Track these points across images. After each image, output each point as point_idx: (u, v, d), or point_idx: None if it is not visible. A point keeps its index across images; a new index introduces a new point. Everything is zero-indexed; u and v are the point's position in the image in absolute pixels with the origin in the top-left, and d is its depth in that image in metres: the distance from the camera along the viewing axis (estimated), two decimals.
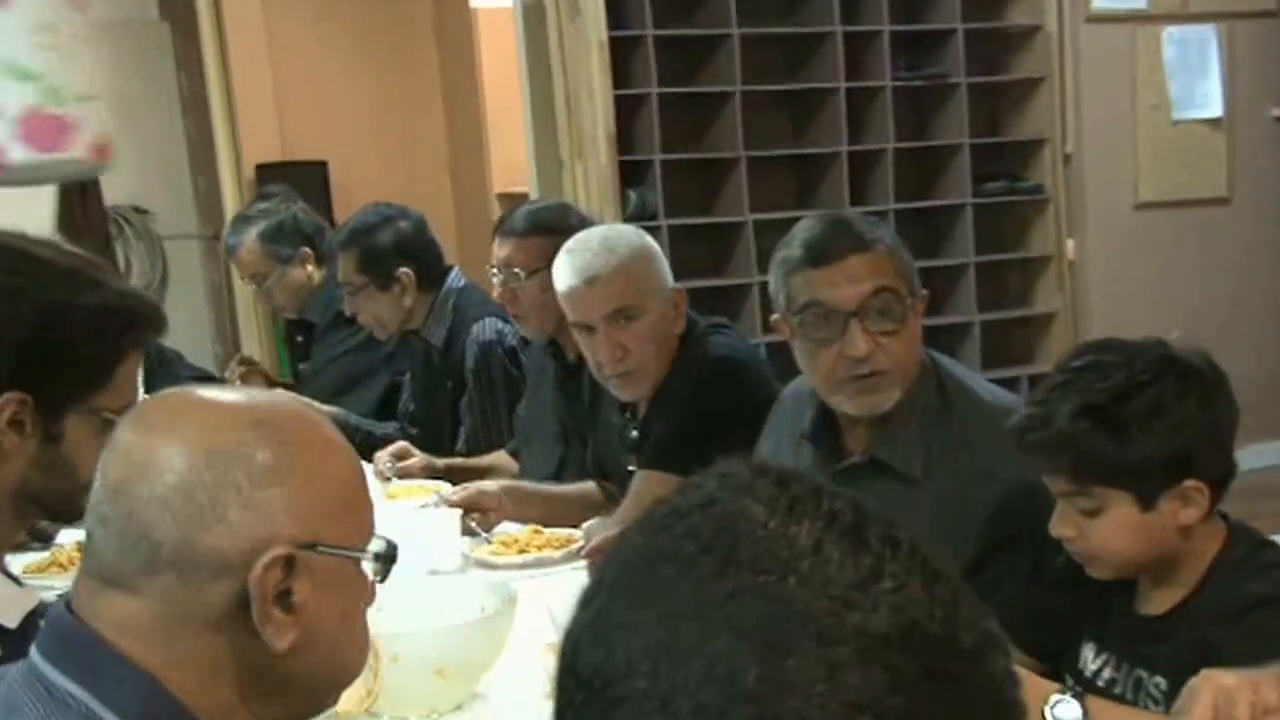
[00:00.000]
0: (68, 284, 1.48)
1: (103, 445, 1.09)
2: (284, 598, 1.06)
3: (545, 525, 2.66)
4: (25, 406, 1.46)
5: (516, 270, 2.92)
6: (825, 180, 5.66)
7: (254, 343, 5.87)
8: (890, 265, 2.00)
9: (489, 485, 2.77)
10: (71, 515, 1.49)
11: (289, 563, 1.05)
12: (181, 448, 1.05)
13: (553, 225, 2.91)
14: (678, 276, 4.88)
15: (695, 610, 0.66)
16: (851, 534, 0.68)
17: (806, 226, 2.04)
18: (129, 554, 1.05)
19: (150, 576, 1.05)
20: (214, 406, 1.09)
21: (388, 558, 1.11)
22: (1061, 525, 1.62)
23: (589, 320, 2.51)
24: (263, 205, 3.89)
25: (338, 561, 1.08)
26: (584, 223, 2.91)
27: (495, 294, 3.01)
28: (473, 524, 2.67)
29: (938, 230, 5.85)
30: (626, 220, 5.26)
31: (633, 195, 5.36)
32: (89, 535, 1.07)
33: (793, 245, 2.02)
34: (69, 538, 2.54)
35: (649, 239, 2.58)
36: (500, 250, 2.96)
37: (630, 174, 5.38)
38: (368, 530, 1.12)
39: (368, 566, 1.11)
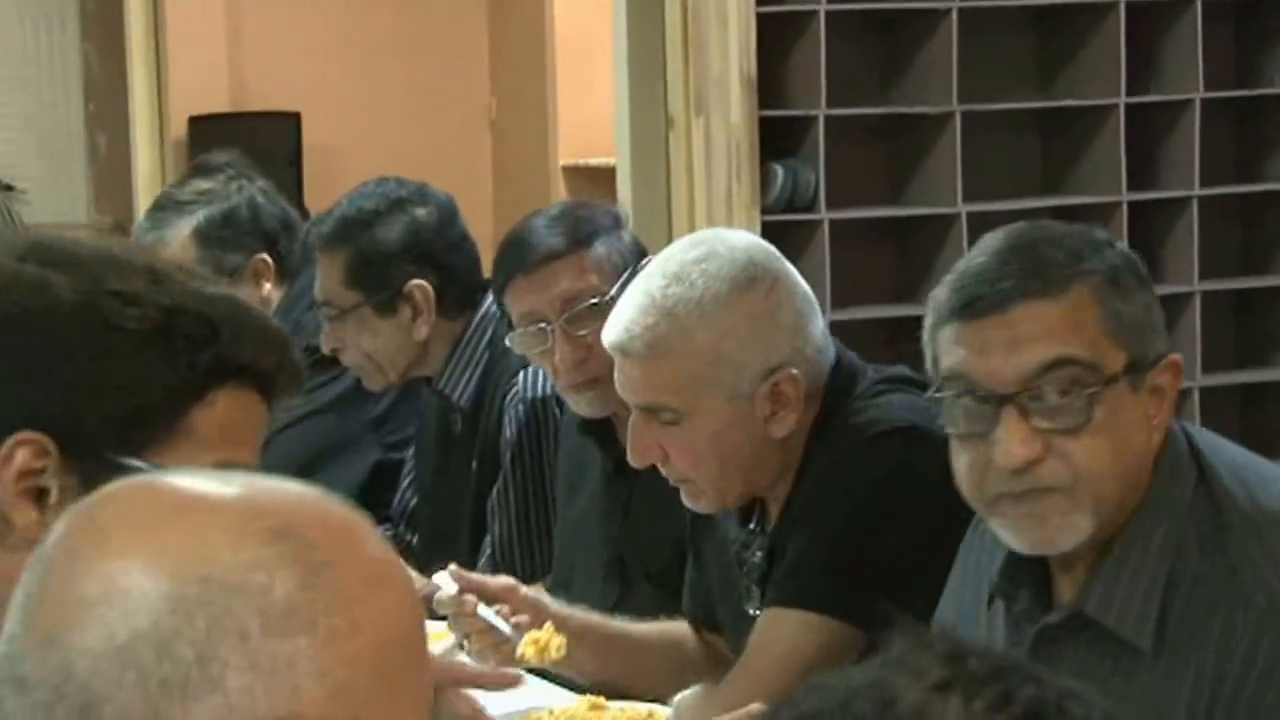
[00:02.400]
0: (119, 275, 1.55)
1: None
2: None
3: (609, 683, 2.77)
4: (49, 460, 1.50)
5: (545, 325, 3.09)
6: (1091, 149, 5.75)
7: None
8: (1093, 320, 2.06)
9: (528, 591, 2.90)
10: None
11: None
12: (153, 572, 1.07)
13: (592, 231, 3.13)
14: (845, 301, 4.65)
15: None
16: None
17: (977, 250, 2.15)
18: None
19: None
20: (204, 506, 1.11)
21: None
22: None
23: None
24: (202, 184, 4.00)
25: None
26: (617, 221, 3.19)
27: (550, 367, 3.14)
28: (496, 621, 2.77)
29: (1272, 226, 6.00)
30: (767, 211, 5.39)
31: (779, 172, 5.48)
32: None
33: (949, 278, 2.13)
34: None
35: (767, 269, 2.65)
36: (530, 297, 3.14)
37: (777, 139, 5.48)
38: (419, 713, 1.14)
39: None
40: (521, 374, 3.41)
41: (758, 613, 2.68)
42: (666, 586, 3.00)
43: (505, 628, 2.73)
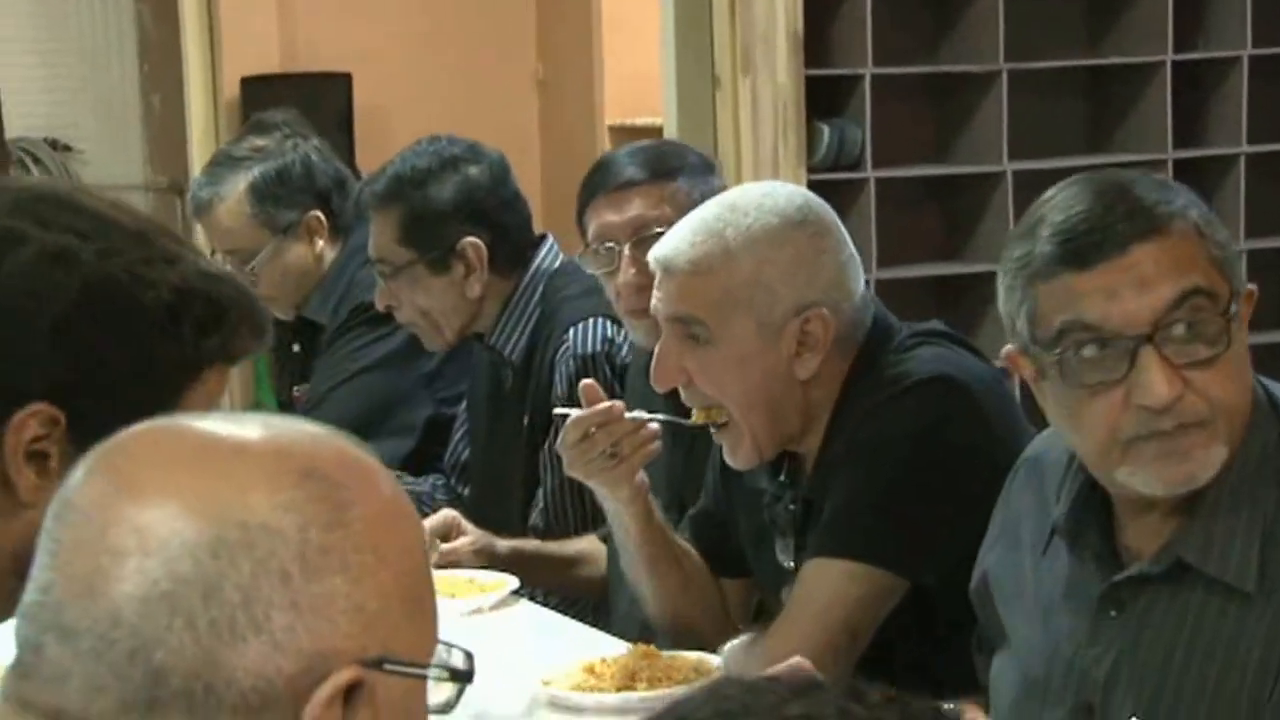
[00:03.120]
0: (138, 252, 1.55)
1: None
2: None
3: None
4: (56, 429, 1.51)
5: (614, 245, 3.11)
6: (1138, 106, 5.72)
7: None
8: (1201, 253, 2.04)
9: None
10: None
11: (351, 690, 1.11)
12: (192, 517, 1.10)
13: (678, 166, 3.14)
14: (891, 260, 4.74)
15: None
16: None
17: (1063, 201, 2.07)
18: (110, 687, 1.09)
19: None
20: (230, 449, 1.14)
21: (465, 675, 1.18)
22: None
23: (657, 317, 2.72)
24: (257, 141, 3.99)
25: (407, 684, 1.15)
26: (708, 166, 3.21)
27: (613, 289, 3.14)
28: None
29: None
30: (814, 170, 5.37)
31: (825, 131, 5.46)
32: (30, 652, 1.11)
33: (1036, 232, 2.05)
34: None
35: (820, 218, 2.68)
36: (606, 215, 3.13)
37: (823, 97, 5.47)
38: (434, 634, 1.19)
39: (437, 688, 1.18)
40: (572, 330, 3.42)
41: (792, 565, 2.69)
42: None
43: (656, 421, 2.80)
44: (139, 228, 1.57)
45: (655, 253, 2.67)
